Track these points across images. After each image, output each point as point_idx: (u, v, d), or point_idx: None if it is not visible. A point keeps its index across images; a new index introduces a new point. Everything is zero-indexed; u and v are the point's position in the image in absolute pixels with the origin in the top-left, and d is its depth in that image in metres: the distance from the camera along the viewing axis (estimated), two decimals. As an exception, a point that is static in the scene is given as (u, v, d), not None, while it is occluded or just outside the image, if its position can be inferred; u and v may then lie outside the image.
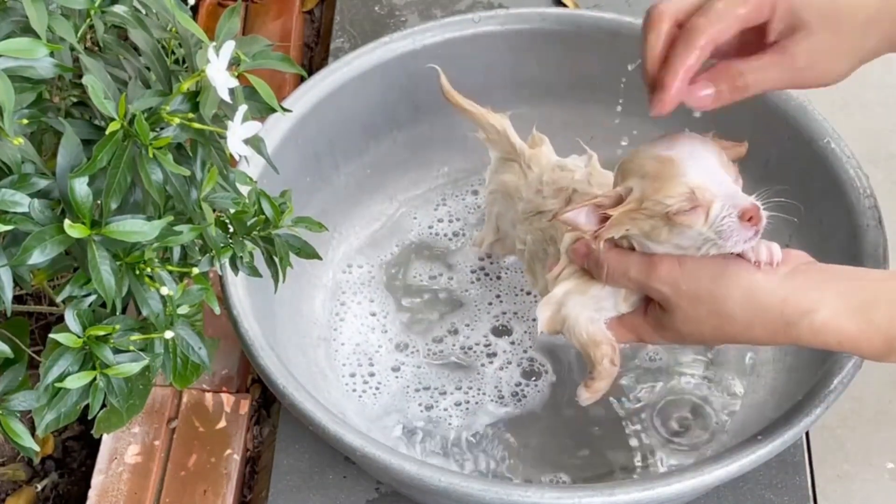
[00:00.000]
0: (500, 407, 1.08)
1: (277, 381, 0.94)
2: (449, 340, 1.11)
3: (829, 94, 0.90)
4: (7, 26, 0.68)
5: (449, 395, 1.08)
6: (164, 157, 0.68)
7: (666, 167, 0.86)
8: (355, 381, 1.09)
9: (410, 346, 1.11)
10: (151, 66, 0.74)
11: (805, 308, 0.85)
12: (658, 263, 0.88)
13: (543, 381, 1.09)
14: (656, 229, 0.86)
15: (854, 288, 0.87)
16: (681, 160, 0.86)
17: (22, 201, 0.67)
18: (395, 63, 1.15)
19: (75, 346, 0.71)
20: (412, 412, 1.07)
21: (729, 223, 0.84)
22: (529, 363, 1.10)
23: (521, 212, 1.03)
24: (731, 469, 0.90)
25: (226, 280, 0.97)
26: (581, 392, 0.96)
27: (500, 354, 1.10)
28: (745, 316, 0.87)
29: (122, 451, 1.07)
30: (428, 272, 1.16)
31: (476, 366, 1.10)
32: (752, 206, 0.85)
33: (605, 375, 0.94)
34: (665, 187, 0.85)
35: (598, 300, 0.93)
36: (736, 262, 0.87)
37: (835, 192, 1.06)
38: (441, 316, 1.13)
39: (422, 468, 0.91)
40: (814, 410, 0.93)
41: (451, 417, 1.07)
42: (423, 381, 1.09)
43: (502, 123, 1.06)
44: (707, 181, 0.85)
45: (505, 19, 1.17)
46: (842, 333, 0.86)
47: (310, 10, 1.45)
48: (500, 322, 1.12)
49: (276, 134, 1.08)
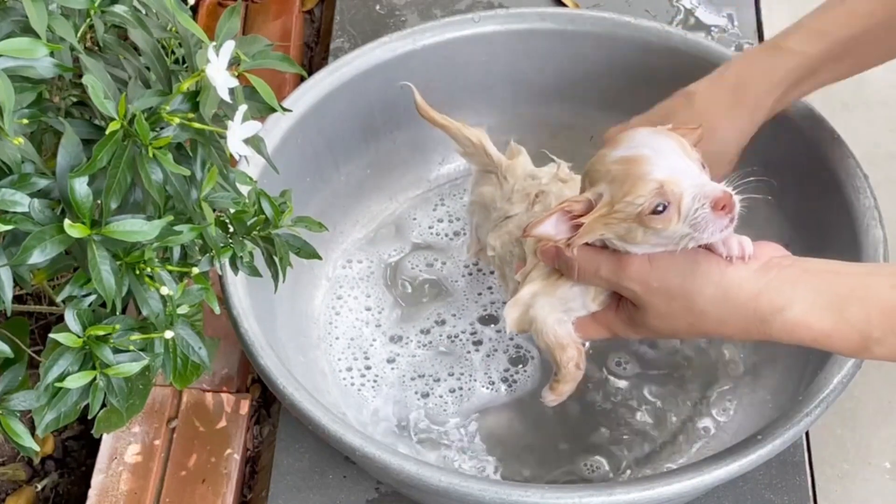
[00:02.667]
0: (493, 393, 1.08)
1: (277, 380, 0.94)
2: (437, 331, 1.12)
3: (830, 94, 0.91)
4: (7, 26, 0.68)
5: (443, 382, 1.09)
6: (164, 157, 0.68)
7: (632, 167, 0.85)
8: (352, 374, 1.10)
9: (404, 338, 1.12)
10: (151, 66, 0.74)
11: (778, 305, 0.85)
12: (628, 262, 0.88)
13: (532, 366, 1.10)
14: (631, 231, 0.86)
15: (828, 283, 0.86)
16: (645, 158, 0.85)
17: (22, 201, 0.67)
18: (395, 63, 1.15)
19: (75, 345, 0.71)
20: (409, 401, 1.08)
21: (702, 215, 0.83)
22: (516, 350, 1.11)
23: (493, 220, 1.03)
24: (732, 469, 0.90)
25: (226, 280, 0.97)
26: (546, 394, 0.97)
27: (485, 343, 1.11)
28: (718, 312, 0.86)
29: (122, 451, 1.07)
30: (426, 270, 1.16)
31: (463, 353, 1.10)
32: (724, 195, 0.83)
33: (569, 379, 0.95)
34: (634, 188, 0.84)
35: (566, 301, 0.93)
36: (707, 258, 0.86)
37: (835, 192, 1.06)
38: (431, 306, 1.14)
39: (421, 468, 0.91)
40: (814, 410, 0.93)
41: (446, 404, 1.08)
42: (417, 370, 1.10)
43: (479, 136, 1.05)
44: (674, 174, 0.84)
45: (505, 19, 1.17)
46: (815, 330, 0.85)
47: (310, 10, 1.45)
48: (487, 312, 1.13)
49: (276, 134, 1.08)
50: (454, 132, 1.07)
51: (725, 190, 0.83)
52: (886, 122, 1.32)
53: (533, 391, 1.08)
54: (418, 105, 1.08)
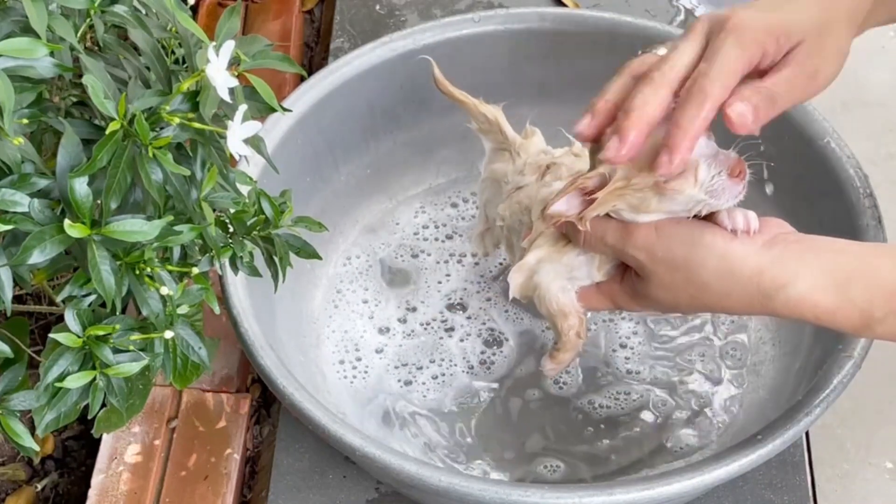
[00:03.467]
0: (471, 377, 1.09)
1: (278, 380, 0.94)
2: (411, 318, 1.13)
3: (830, 94, 0.90)
4: (7, 26, 0.68)
5: (425, 370, 1.10)
6: (164, 157, 0.68)
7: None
8: (345, 367, 1.10)
9: (392, 330, 1.12)
10: (151, 66, 0.74)
11: (782, 281, 0.84)
12: (634, 230, 0.87)
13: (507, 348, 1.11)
14: (645, 201, 0.86)
15: (832, 261, 0.86)
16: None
17: (22, 201, 0.67)
18: (395, 62, 1.15)
19: (75, 345, 0.71)
20: (393, 389, 1.09)
21: (719, 182, 0.84)
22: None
23: (504, 193, 1.03)
24: (732, 469, 0.90)
25: (226, 280, 0.97)
26: (545, 362, 0.97)
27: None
28: (721, 286, 0.86)
29: (122, 451, 1.07)
30: (426, 268, 1.16)
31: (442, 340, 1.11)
32: (738, 161, 0.84)
33: (570, 347, 0.95)
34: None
35: (571, 269, 0.93)
36: (712, 231, 0.86)
37: (835, 192, 1.06)
38: (419, 297, 1.15)
39: (421, 468, 0.91)
40: (814, 410, 0.93)
41: (428, 391, 1.09)
42: (401, 358, 1.10)
43: (494, 113, 1.06)
44: None
45: (505, 19, 1.17)
46: (818, 307, 0.85)
47: (310, 10, 1.45)
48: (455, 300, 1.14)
49: (276, 134, 1.08)
50: (471, 108, 1.07)
51: (738, 157, 0.84)
52: (886, 122, 1.32)
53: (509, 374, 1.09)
54: (437, 79, 1.08)
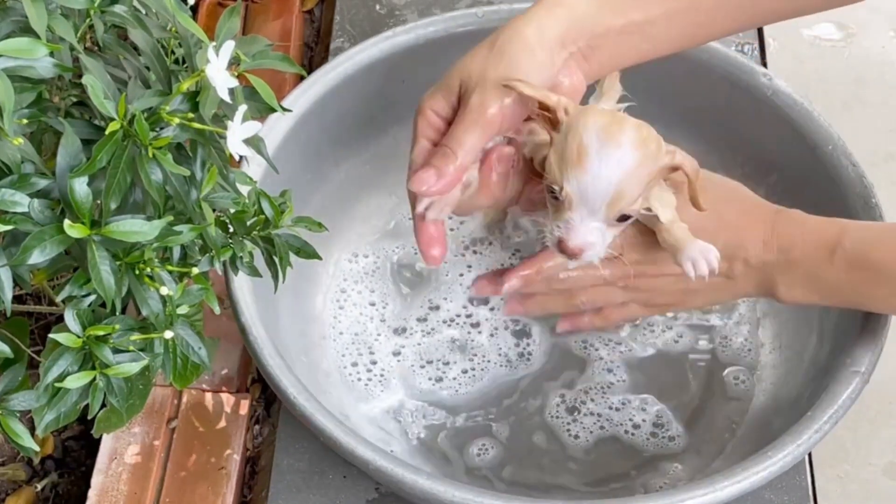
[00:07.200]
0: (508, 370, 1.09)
1: (287, 390, 0.94)
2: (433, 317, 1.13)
3: (830, 94, 0.90)
4: (7, 26, 0.68)
5: (453, 365, 1.10)
6: (163, 157, 0.68)
7: (574, 154, 0.88)
8: (358, 370, 1.10)
9: (409, 330, 1.12)
10: (151, 66, 0.74)
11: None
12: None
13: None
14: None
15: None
16: (588, 158, 0.88)
17: (22, 201, 0.67)
18: (396, 58, 1.15)
19: (75, 346, 0.71)
20: (423, 387, 1.08)
21: (551, 241, 0.90)
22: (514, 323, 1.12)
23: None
24: (743, 486, 0.91)
25: (232, 285, 0.97)
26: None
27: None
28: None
29: (122, 451, 1.07)
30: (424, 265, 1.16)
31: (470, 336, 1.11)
32: (573, 248, 0.89)
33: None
34: (560, 168, 0.89)
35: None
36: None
37: (835, 193, 1.06)
38: (426, 296, 1.14)
39: (434, 483, 0.90)
40: (823, 427, 0.94)
41: (459, 386, 1.08)
42: (424, 356, 1.10)
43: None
44: (580, 198, 0.88)
45: (508, 14, 1.17)
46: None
47: (310, 10, 1.45)
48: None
49: (277, 133, 1.08)
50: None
51: (581, 246, 0.89)
52: (886, 122, 1.32)
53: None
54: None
